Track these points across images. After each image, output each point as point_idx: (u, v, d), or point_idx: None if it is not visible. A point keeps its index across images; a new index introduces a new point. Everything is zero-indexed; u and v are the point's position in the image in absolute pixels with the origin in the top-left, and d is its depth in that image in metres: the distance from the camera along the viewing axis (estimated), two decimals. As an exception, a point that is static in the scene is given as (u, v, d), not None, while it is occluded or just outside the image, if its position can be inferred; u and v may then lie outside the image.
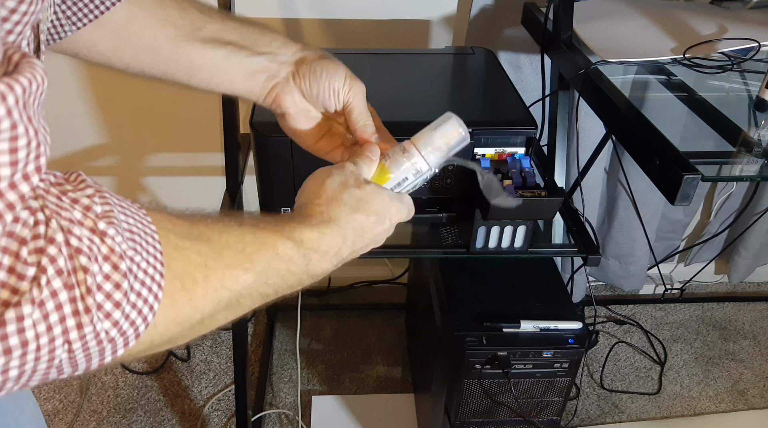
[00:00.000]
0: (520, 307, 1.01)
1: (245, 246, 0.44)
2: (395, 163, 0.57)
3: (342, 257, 0.53)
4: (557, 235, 1.02)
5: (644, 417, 1.47)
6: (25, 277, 0.29)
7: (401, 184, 0.57)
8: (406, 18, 1.23)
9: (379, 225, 0.54)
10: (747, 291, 1.87)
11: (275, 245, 0.46)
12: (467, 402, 1.01)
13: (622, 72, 0.92)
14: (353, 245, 0.53)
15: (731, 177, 0.95)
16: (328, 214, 0.52)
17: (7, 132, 0.29)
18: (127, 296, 0.34)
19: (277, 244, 0.46)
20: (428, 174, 0.57)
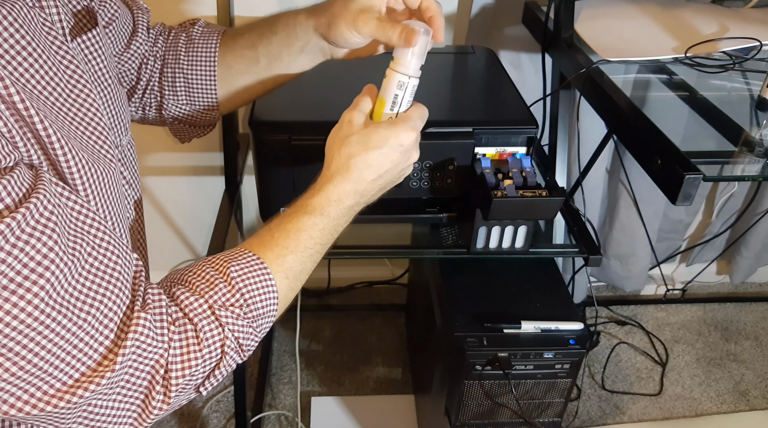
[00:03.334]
0: (521, 308, 1.00)
1: (277, 238, 0.61)
2: (383, 89, 0.65)
3: (366, 193, 0.64)
4: (558, 235, 1.02)
5: (646, 419, 1.46)
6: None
7: (396, 102, 0.64)
8: (406, 17, 1.23)
9: (388, 153, 0.62)
10: (749, 291, 1.87)
11: (297, 224, 0.61)
12: (468, 403, 1.00)
13: (623, 71, 0.91)
14: (372, 181, 0.63)
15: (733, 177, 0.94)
16: (330, 172, 0.63)
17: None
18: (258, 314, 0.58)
19: (297, 222, 0.61)
20: (411, 81, 0.64)
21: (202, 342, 0.52)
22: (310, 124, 0.84)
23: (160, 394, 0.51)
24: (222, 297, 0.54)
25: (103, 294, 0.46)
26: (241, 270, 0.56)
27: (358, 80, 0.93)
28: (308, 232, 0.61)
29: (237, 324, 0.55)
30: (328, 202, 0.62)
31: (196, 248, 1.65)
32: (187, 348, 0.52)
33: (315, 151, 0.82)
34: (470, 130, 0.82)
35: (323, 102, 0.89)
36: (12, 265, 0.40)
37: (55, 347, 0.43)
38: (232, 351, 0.55)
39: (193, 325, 0.52)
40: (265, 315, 0.58)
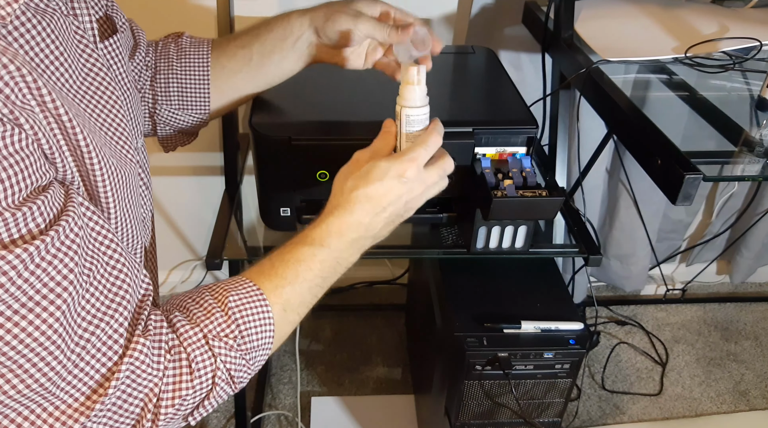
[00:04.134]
0: (521, 308, 1.00)
1: (276, 268, 0.60)
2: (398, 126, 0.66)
3: (371, 227, 0.63)
4: (558, 235, 1.02)
5: (646, 419, 1.46)
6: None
7: (406, 134, 0.66)
8: (406, 17, 1.23)
9: (390, 186, 0.62)
10: (749, 291, 1.87)
11: (296, 255, 0.61)
12: (468, 403, 1.00)
13: (623, 71, 0.91)
14: (375, 215, 0.62)
15: (733, 177, 0.94)
16: (332, 205, 0.63)
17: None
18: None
19: (296, 253, 0.61)
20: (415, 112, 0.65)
21: (194, 372, 0.52)
22: (310, 124, 0.84)
23: (149, 422, 0.51)
24: (217, 327, 0.54)
25: (110, 317, 0.47)
26: (239, 300, 0.56)
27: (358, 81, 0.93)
28: (307, 263, 0.60)
29: (230, 355, 0.54)
30: (328, 234, 0.61)
31: (196, 248, 1.65)
32: (180, 378, 0.52)
33: (315, 151, 0.82)
34: (470, 130, 0.82)
35: (323, 102, 0.89)
36: (33, 284, 0.41)
37: (62, 368, 0.44)
38: (223, 382, 0.55)
39: (187, 354, 0.52)
40: (259, 348, 0.57)
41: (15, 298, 0.40)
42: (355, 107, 0.88)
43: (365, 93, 0.91)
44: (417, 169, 0.62)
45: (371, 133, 0.82)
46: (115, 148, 0.54)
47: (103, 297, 0.47)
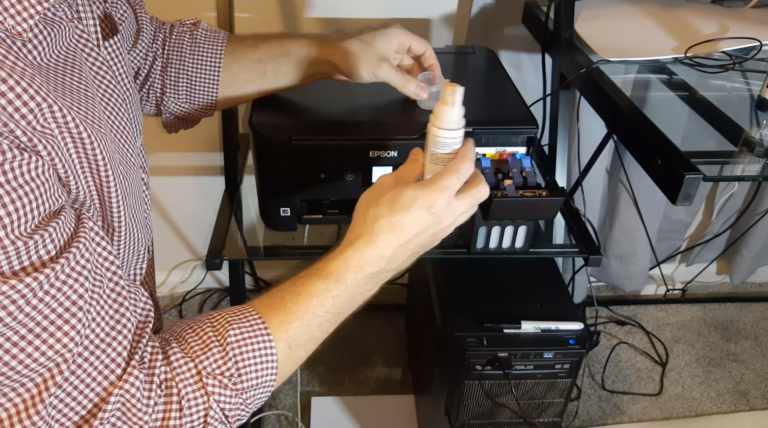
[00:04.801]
0: (521, 308, 1.00)
1: (286, 301, 0.56)
2: (425, 147, 0.61)
3: (393, 259, 0.58)
4: (558, 235, 1.02)
5: (646, 419, 1.46)
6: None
7: (436, 159, 0.61)
8: (407, 17, 1.23)
9: (417, 216, 0.56)
10: (749, 291, 1.87)
11: (308, 288, 0.56)
12: (468, 403, 1.00)
13: (623, 71, 0.91)
14: (399, 246, 0.57)
15: (733, 177, 0.94)
16: (353, 235, 0.58)
17: None
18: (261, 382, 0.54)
19: (309, 286, 0.56)
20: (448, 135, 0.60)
21: (184, 409, 0.50)
22: (310, 124, 0.84)
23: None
24: (213, 364, 0.51)
25: (108, 345, 0.46)
26: (240, 335, 0.53)
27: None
28: (319, 299, 0.56)
29: (224, 394, 0.51)
30: (346, 268, 0.57)
31: (196, 248, 1.65)
32: (168, 415, 0.49)
33: (315, 151, 0.82)
34: (470, 130, 0.82)
35: (323, 102, 0.89)
36: (42, 311, 0.41)
37: (57, 400, 0.43)
38: (216, 422, 0.51)
39: (178, 390, 0.50)
40: (259, 386, 0.54)
41: (23, 325, 0.40)
42: (356, 107, 0.88)
43: (365, 93, 0.91)
44: (448, 198, 0.57)
45: (371, 134, 0.82)
46: (122, 152, 0.54)
47: (105, 325, 0.46)
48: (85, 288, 0.43)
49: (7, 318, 0.39)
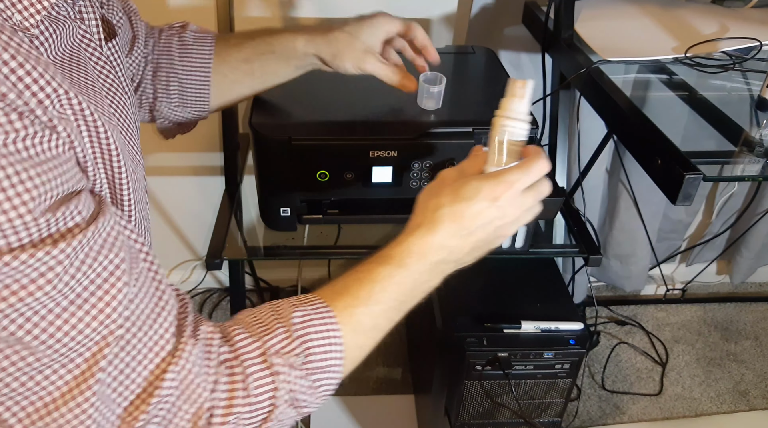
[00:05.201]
0: (521, 308, 1.00)
1: (349, 288, 0.55)
2: (489, 139, 0.60)
3: (455, 250, 0.57)
4: (558, 235, 1.02)
5: (646, 419, 1.46)
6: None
7: (500, 151, 0.59)
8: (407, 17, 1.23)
9: (480, 208, 0.56)
10: (749, 291, 1.87)
11: (371, 274, 0.56)
12: (468, 403, 1.00)
13: (623, 71, 0.91)
14: (461, 237, 0.57)
15: (733, 177, 0.94)
16: (414, 223, 0.58)
17: None
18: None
19: (372, 272, 0.56)
20: (515, 125, 0.59)
21: (250, 389, 0.48)
22: (310, 124, 0.84)
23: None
24: (279, 344, 0.50)
25: (153, 320, 0.45)
26: (304, 317, 0.52)
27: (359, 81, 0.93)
28: (383, 284, 0.55)
29: (291, 374, 0.50)
30: (408, 254, 0.56)
31: (196, 248, 1.65)
32: (233, 394, 0.47)
33: (315, 151, 0.82)
34: (470, 130, 0.82)
35: (323, 102, 0.89)
36: (82, 281, 0.39)
37: (116, 371, 0.42)
38: (284, 404, 0.49)
39: (243, 368, 0.48)
40: (326, 370, 0.52)
41: (64, 295, 0.39)
42: (356, 107, 0.88)
43: (365, 93, 0.91)
44: (513, 193, 0.56)
45: (371, 134, 0.82)
46: (128, 148, 0.54)
47: (147, 299, 0.44)
48: (120, 258, 0.42)
49: (47, 286, 0.37)
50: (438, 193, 0.57)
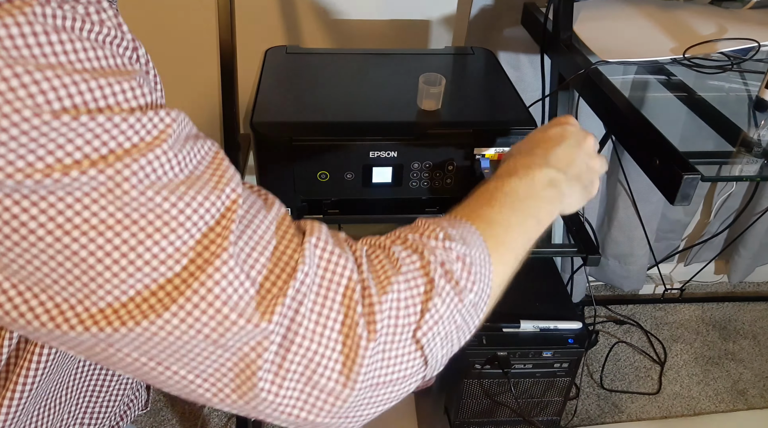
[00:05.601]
0: (520, 307, 1.00)
1: (463, 209, 0.52)
2: None
3: (550, 159, 0.57)
4: (557, 235, 1.02)
5: (644, 417, 1.47)
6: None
7: None
8: (406, 18, 1.23)
9: (555, 130, 0.60)
10: (747, 291, 1.87)
11: (481, 196, 0.53)
12: (467, 402, 1.01)
13: (621, 72, 0.91)
14: (551, 149, 0.58)
15: (731, 177, 0.95)
16: (505, 165, 0.57)
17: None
18: (476, 278, 0.44)
19: (481, 195, 0.53)
20: None
21: (399, 264, 0.41)
22: (310, 124, 0.84)
23: (362, 329, 0.38)
24: (426, 230, 0.45)
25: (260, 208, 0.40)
26: (451, 224, 0.47)
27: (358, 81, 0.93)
28: (509, 197, 0.52)
29: (444, 250, 0.43)
30: (511, 171, 0.54)
31: (196, 248, 1.65)
32: (383, 272, 0.41)
33: (315, 151, 0.82)
34: (470, 131, 0.83)
35: (324, 102, 0.89)
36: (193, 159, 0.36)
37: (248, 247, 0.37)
38: (443, 280, 0.42)
39: (386, 248, 0.43)
40: (481, 265, 0.45)
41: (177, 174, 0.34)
42: (356, 107, 0.89)
43: (366, 93, 0.91)
44: (592, 138, 0.61)
45: (371, 134, 0.83)
46: None
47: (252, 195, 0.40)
48: (222, 157, 0.38)
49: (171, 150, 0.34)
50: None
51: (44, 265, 0.32)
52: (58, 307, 0.33)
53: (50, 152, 0.30)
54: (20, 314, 0.33)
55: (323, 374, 0.38)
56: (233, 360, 0.36)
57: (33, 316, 0.33)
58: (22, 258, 0.32)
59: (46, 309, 0.33)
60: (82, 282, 0.33)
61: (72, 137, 0.30)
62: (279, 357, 0.37)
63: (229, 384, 0.37)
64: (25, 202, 0.30)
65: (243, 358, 0.36)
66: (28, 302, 0.33)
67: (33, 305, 0.33)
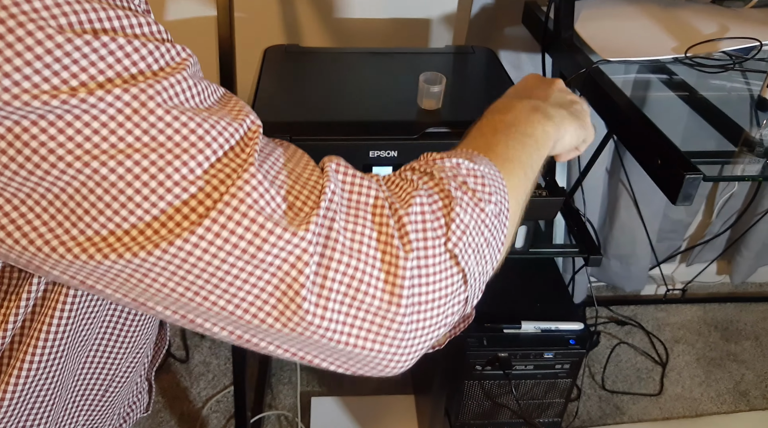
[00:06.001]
0: (521, 308, 1.00)
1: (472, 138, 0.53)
2: None
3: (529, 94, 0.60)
4: (558, 235, 1.02)
5: (646, 419, 1.46)
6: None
7: None
8: (406, 17, 1.23)
9: (523, 86, 0.63)
10: (749, 291, 1.87)
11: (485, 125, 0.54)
12: (468, 403, 1.00)
13: (623, 71, 0.91)
14: (524, 90, 0.62)
15: (733, 177, 0.94)
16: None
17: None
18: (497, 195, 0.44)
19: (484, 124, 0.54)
20: None
21: (415, 183, 0.42)
22: (310, 123, 0.84)
23: (397, 240, 0.38)
24: (431, 156, 0.46)
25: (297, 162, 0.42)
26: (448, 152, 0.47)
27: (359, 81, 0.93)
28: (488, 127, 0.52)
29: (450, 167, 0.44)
30: (492, 110, 0.56)
31: (196, 248, 1.65)
32: (403, 191, 0.41)
33: (315, 151, 0.82)
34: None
35: (323, 101, 0.89)
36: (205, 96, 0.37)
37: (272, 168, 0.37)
38: (459, 192, 0.42)
39: (400, 175, 0.44)
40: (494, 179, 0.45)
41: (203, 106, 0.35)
42: (356, 107, 0.88)
43: (366, 92, 0.91)
44: (559, 79, 0.65)
45: (371, 134, 0.82)
46: None
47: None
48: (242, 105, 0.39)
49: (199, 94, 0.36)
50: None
51: (77, 193, 0.32)
52: (90, 240, 0.33)
53: (74, 75, 0.30)
54: (52, 249, 0.33)
55: (367, 292, 0.37)
56: (274, 283, 0.35)
57: (65, 250, 0.33)
58: (50, 193, 0.32)
59: (78, 243, 0.33)
60: (113, 210, 0.33)
61: (94, 59, 0.31)
62: (320, 276, 0.36)
63: (271, 312, 0.36)
64: (52, 129, 0.31)
65: (283, 278, 0.35)
66: (59, 237, 0.33)
67: (65, 239, 0.33)
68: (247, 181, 0.34)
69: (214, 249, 0.34)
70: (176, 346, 1.59)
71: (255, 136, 0.36)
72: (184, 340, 1.60)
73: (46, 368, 0.46)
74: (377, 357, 0.41)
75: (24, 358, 0.44)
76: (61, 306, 0.43)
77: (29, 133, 0.30)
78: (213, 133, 0.34)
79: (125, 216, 0.33)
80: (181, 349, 1.58)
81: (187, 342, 1.59)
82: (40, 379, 0.46)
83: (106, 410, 0.57)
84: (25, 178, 0.31)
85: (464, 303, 0.43)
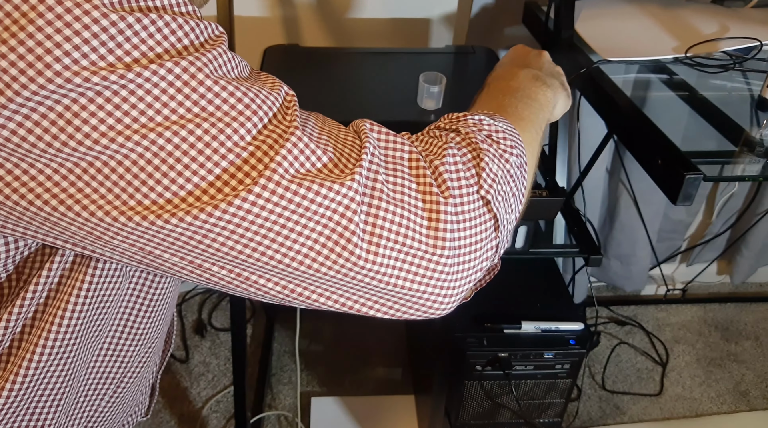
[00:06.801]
0: (521, 308, 1.00)
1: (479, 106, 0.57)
2: None
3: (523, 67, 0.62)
4: (558, 236, 1.02)
5: (646, 419, 1.46)
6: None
7: None
8: (407, 17, 1.23)
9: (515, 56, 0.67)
10: (749, 291, 1.87)
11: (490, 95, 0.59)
12: (468, 403, 1.00)
13: (623, 71, 0.91)
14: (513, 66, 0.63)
15: (733, 177, 0.94)
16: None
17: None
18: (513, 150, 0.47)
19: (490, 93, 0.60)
20: None
21: (444, 138, 0.46)
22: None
23: (438, 190, 0.42)
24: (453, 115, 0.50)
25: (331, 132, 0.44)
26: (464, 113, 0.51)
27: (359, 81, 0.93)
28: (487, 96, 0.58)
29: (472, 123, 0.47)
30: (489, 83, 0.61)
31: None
32: (434, 146, 0.45)
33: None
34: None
35: (323, 101, 0.89)
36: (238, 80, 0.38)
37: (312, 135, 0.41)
38: (485, 144, 0.45)
39: (424, 133, 0.48)
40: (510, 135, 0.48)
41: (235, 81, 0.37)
42: (356, 106, 0.88)
43: (365, 92, 0.91)
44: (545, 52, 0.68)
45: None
46: None
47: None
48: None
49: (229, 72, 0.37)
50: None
51: (135, 164, 0.34)
52: (153, 205, 0.35)
53: (127, 52, 0.32)
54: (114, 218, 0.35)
55: (414, 237, 0.40)
56: (326, 233, 0.38)
57: (126, 219, 0.35)
58: (109, 165, 0.33)
59: (138, 210, 0.35)
60: (170, 179, 0.34)
61: (145, 36, 0.33)
62: (369, 225, 0.39)
63: (326, 260, 0.39)
64: (109, 105, 0.32)
65: (335, 228, 0.38)
66: (119, 206, 0.35)
67: (126, 207, 0.35)
68: (295, 143, 0.37)
69: (271, 206, 0.36)
70: (176, 346, 1.59)
71: (292, 104, 0.39)
72: (184, 340, 1.60)
73: (59, 355, 0.46)
74: (423, 297, 0.43)
75: (38, 342, 0.45)
76: (77, 292, 0.44)
77: (87, 111, 0.32)
78: (258, 101, 0.37)
79: (182, 184, 0.35)
80: (181, 349, 1.58)
81: (187, 343, 1.59)
82: (53, 366, 0.46)
83: (116, 407, 0.57)
84: (84, 153, 0.33)
85: (495, 251, 0.46)
